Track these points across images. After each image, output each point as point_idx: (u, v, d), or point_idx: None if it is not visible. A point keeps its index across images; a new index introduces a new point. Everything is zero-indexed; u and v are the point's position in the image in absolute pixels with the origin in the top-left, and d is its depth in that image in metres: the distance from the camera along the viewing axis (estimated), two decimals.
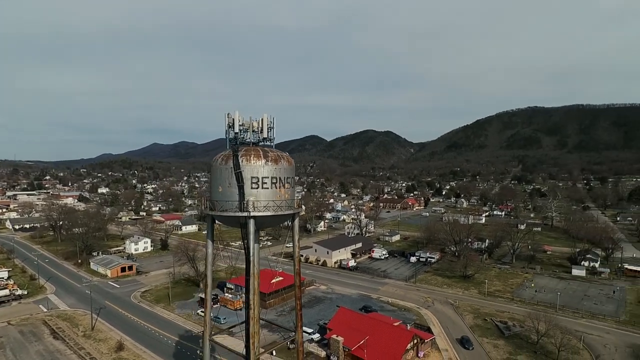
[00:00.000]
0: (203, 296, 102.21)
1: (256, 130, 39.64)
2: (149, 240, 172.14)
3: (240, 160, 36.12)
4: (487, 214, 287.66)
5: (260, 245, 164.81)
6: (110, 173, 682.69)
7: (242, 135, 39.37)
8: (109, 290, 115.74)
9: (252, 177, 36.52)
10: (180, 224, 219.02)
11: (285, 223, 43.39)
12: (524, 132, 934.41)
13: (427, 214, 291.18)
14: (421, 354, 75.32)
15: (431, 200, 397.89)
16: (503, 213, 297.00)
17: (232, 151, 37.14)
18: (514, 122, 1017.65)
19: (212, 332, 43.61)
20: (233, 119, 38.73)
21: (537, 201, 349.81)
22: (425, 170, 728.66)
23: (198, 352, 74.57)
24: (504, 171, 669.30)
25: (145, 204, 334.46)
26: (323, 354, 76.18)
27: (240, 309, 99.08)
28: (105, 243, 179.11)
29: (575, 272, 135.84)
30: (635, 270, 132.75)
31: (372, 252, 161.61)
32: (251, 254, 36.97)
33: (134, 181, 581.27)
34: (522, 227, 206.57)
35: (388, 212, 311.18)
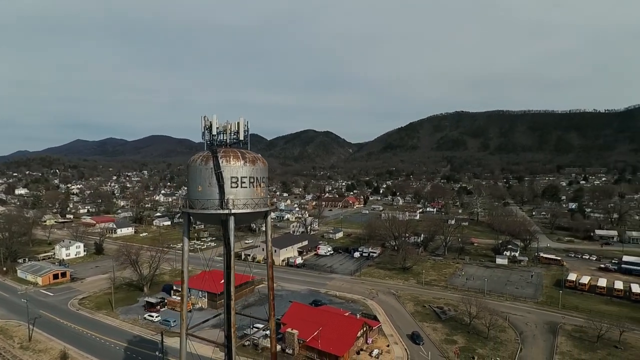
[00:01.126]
0: (150, 300, 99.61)
1: (229, 132, 41.55)
2: (81, 245, 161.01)
3: (220, 161, 38.09)
4: (420, 210, 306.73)
5: (205, 246, 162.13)
6: (28, 172, 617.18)
7: (218, 138, 41.19)
8: (42, 299, 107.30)
9: (231, 177, 38.76)
10: (114, 226, 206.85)
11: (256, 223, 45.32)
12: (452, 135, 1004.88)
13: (367, 212, 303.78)
14: (370, 340, 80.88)
15: (370, 198, 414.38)
16: (435, 210, 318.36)
17: (212, 153, 38.91)
18: (443, 125, 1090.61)
19: (187, 330, 44.18)
20: (210, 122, 40.60)
21: (464, 198, 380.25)
22: (363, 169, 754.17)
23: (157, 353, 73.02)
24: (435, 171, 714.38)
25: (71, 205, 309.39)
26: (278, 347, 78.54)
27: (190, 311, 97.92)
28: (32, 249, 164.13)
29: (499, 261, 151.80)
30: (549, 258, 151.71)
31: (318, 249, 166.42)
32: (231, 248, 38.89)
33: (55, 181, 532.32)
34: (452, 222, 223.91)
35: (330, 210, 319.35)
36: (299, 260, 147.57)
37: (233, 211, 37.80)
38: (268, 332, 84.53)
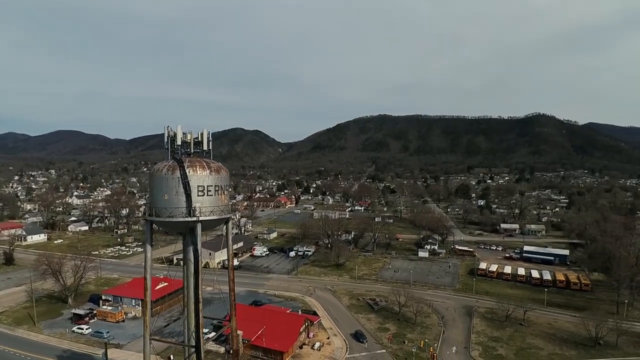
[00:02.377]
0: (77, 312, 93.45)
1: (189, 141, 43.04)
2: None
3: (187, 171, 39.45)
4: (350, 209, 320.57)
5: (130, 252, 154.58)
6: None
7: (182, 147, 42.46)
8: None
9: (198, 186, 40.41)
10: (24, 233, 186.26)
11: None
12: (376, 137, 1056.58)
13: (299, 211, 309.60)
14: (311, 335, 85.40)
15: (301, 198, 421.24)
16: (363, 208, 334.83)
17: (178, 163, 40.06)
18: (368, 128, 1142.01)
19: (151, 335, 44.35)
20: (175, 133, 41.72)
21: (388, 197, 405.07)
22: (293, 169, 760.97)
23: None
24: (361, 171, 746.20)
25: None
26: (222, 350, 79.44)
27: (123, 321, 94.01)
28: None
29: (421, 254, 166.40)
30: (463, 250, 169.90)
31: (253, 250, 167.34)
32: (199, 253, 40.38)
33: None
34: (378, 219, 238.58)
35: (262, 210, 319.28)
36: (235, 262, 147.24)
37: (201, 218, 39.69)
38: (212, 335, 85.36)
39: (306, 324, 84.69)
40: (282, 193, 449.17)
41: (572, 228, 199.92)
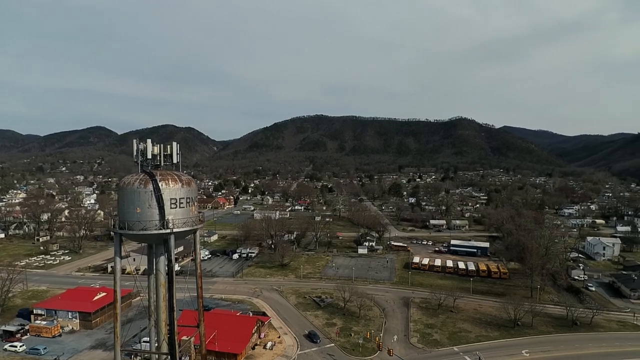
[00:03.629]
0: (8, 328, 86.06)
1: (158, 154, 43.36)
2: None
3: (160, 184, 39.87)
4: (290, 208, 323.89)
5: (57, 262, 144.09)
6: None
7: (151, 160, 42.63)
8: None
9: (171, 199, 41.01)
10: None
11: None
12: (313, 137, 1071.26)
13: (239, 212, 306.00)
14: (263, 335, 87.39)
15: (240, 198, 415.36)
16: (303, 207, 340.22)
17: (149, 176, 40.30)
18: (305, 127, 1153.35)
19: (122, 346, 43.77)
20: (145, 146, 41.81)
21: (326, 196, 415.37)
22: (230, 168, 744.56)
23: None
24: (299, 170, 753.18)
25: None
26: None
27: (60, 335, 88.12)
28: None
29: (360, 251, 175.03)
30: (398, 245, 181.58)
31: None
32: (172, 264, 41.00)
33: None
34: (318, 218, 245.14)
35: (200, 212, 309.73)
36: (176, 267, 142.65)
37: (175, 230, 40.63)
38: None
39: (258, 324, 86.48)
40: (220, 193, 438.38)
41: (491, 223, 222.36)
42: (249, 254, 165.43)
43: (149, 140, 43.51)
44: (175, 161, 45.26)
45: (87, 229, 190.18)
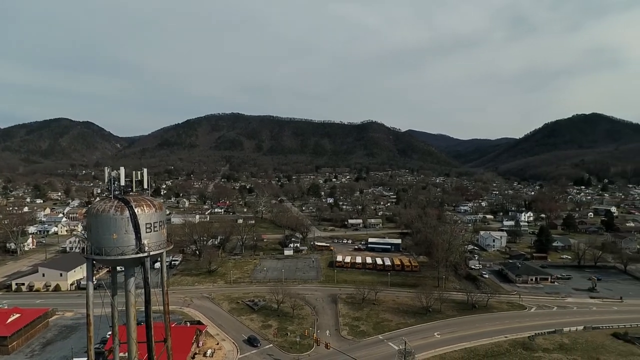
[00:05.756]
0: None
1: (126, 181, 44.50)
2: None
3: (136, 210, 41.05)
4: (209, 211, 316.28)
5: None
6: None
7: (120, 186, 43.46)
8: None
9: (146, 224, 42.50)
10: None
11: None
12: (230, 135, 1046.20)
13: None
14: (201, 343, 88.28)
15: None
16: (222, 210, 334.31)
17: (124, 202, 41.18)
18: (220, 125, 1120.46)
19: None
20: (119, 173, 42.55)
21: (246, 197, 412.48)
22: (137, 168, 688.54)
23: None
24: (215, 170, 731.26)
25: None
26: None
27: None
28: None
29: (286, 252, 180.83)
30: (321, 245, 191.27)
31: None
32: (149, 287, 42.29)
33: None
34: (241, 221, 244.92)
35: None
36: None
37: (152, 253, 42.50)
38: None
39: (196, 334, 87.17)
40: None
41: (402, 221, 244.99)
42: (172, 262, 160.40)
43: (122, 168, 45.00)
44: (145, 187, 46.72)
45: None
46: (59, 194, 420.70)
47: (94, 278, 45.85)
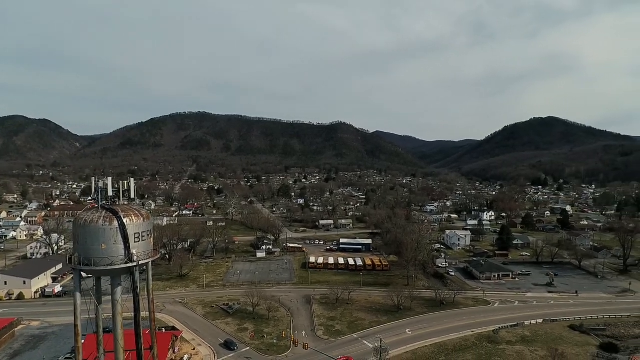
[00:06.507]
0: None
1: (118, 191, 44.34)
2: None
3: (124, 221, 40.97)
4: (177, 213, 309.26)
5: None
6: None
7: (107, 196, 43.20)
8: None
9: (134, 234, 42.48)
10: None
11: None
12: (196, 135, 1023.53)
13: None
14: (177, 349, 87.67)
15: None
16: (191, 212, 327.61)
17: (112, 213, 40.99)
18: (187, 125, 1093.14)
19: None
20: (106, 184, 42.26)
21: (215, 199, 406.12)
22: (98, 168, 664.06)
23: None
24: (182, 170, 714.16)
25: None
26: None
27: None
28: None
29: (259, 254, 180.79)
30: (294, 247, 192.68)
31: None
32: (138, 295, 42.24)
33: None
34: (210, 223, 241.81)
35: (70, 221, 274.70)
36: (57, 288, 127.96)
37: (140, 262, 42.62)
38: None
39: (172, 340, 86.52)
40: (90, 198, 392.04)
41: (372, 221, 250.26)
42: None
43: (109, 179, 44.75)
44: (132, 196, 46.73)
45: None
46: (15, 196, 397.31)
47: (59, 285, 45.88)
